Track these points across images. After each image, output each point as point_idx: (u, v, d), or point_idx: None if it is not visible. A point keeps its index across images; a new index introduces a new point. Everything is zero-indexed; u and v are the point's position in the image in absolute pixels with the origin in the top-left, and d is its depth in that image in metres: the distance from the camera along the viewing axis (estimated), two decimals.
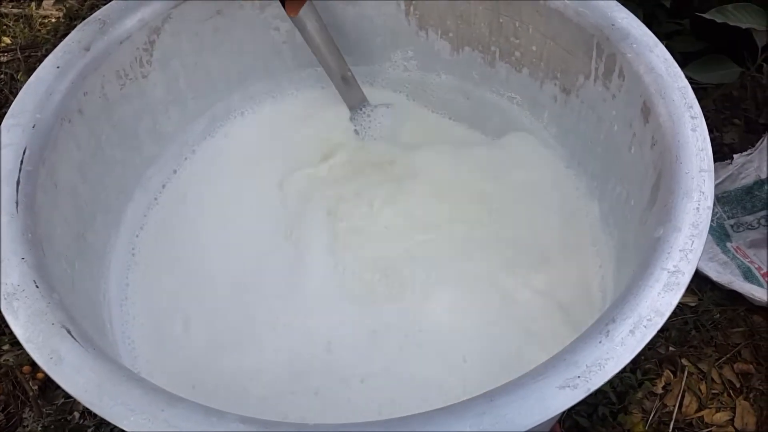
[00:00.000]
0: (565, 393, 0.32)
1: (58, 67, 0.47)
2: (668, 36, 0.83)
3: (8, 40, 1.12)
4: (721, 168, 0.83)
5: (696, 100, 0.44)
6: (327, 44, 0.58)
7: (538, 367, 0.33)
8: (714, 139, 0.88)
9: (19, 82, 1.04)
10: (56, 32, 1.12)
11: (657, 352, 0.75)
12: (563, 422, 0.70)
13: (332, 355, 0.51)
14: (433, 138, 0.64)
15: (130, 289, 0.54)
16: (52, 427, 0.71)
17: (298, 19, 0.54)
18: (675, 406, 0.72)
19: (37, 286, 0.37)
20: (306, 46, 0.58)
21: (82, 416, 0.73)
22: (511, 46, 0.57)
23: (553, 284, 0.54)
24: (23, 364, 0.75)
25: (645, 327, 0.34)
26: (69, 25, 1.13)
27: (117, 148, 0.53)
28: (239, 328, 0.52)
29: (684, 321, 0.76)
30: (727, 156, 0.84)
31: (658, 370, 0.74)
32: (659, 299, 0.35)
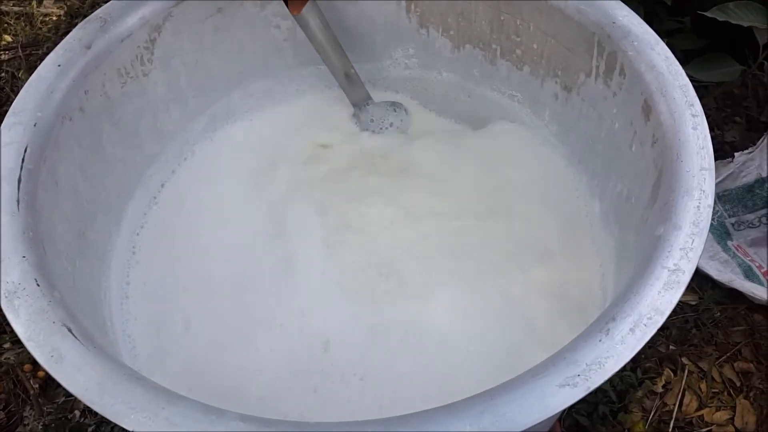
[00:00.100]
0: (565, 391, 0.32)
1: (59, 66, 0.47)
2: (669, 34, 0.83)
3: (9, 38, 1.12)
4: (722, 166, 0.83)
5: (697, 98, 0.44)
6: (330, 42, 0.58)
7: (538, 365, 0.33)
8: (715, 137, 0.88)
9: (20, 80, 1.04)
10: (57, 30, 1.12)
11: (657, 350, 0.75)
12: (563, 421, 0.70)
13: (331, 354, 0.51)
14: (433, 135, 0.65)
15: (130, 288, 0.54)
16: (53, 425, 0.72)
17: (300, 17, 0.54)
18: (675, 404, 0.72)
19: (38, 285, 0.38)
20: (307, 43, 0.58)
21: (83, 414, 0.73)
22: (512, 44, 0.57)
23: (553, 282, 0.53)
24: (24, 363, 0.76)
25: (645, 325, 0.34)
26: (70, 23, 1.13)
27: (118, 146, 0.53)
28: (239, 328, 0.52)
29: (684, 319, 0.76)
30: (728, 154, 0.84)
31: (659, 369, 0.74)
32: (659, 298, 0.35)
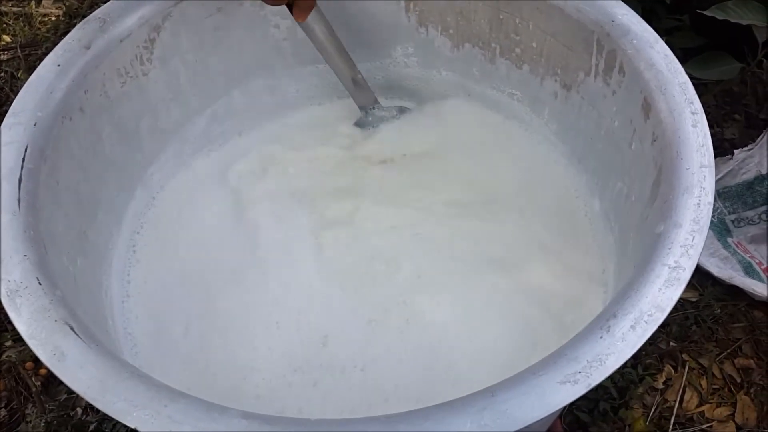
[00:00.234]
0: (566, 388, 0.32)
1: (58, 66, 0.47)
2: (668, 32, 0.83)
3: (8, 39, 1.12)
4: (721, 163, 0.83)
5: (696, 96, 0.44)
6: (336, 48, 0.58)
7: (538, 362, 0.33)
8: (714, 134, 0.88)
9: (20, 80, 1.04)
10: (56, 30, 1.12)
11: (658, 347, 0.75)
12: (564, 417, 0.70)
13: (330, 349, 0.51)
14: (433, 134, 0.65)
15: (131, 287, 0.54)
16: (55, 423, 0.72)
17: (306, 25, 0.54)
18: (676, 401, 0.72)
19: (40, 283, 0.38)
20: (307, 43, 0.58)
21: (85, 412, 0.73)
22: (511, 42, 0.57)
23: (554, 280, 0.54)
24: (26, 360, 0.76)
25: (646, 322, 0.34)
26: (69, 23, 1.13)
27: (118, 145, 0.53)
28: (237, 327, 0.52)
29: (685, 316, 0.76)
30: (728, 151, 0.84)
31: (659, 366, 0.74)
32: (660, 295, 0.35)
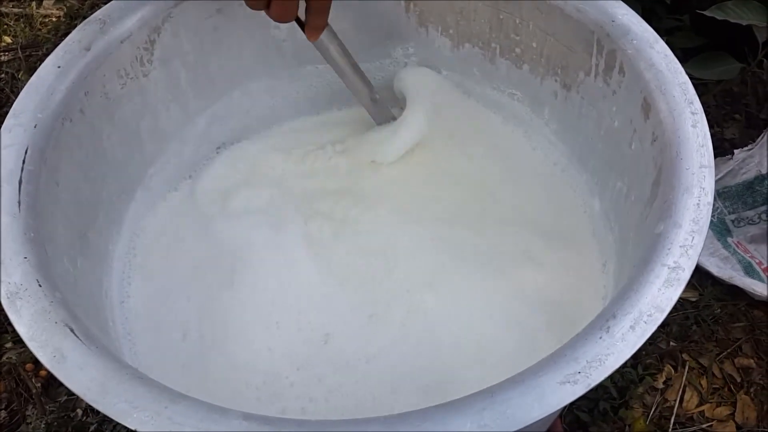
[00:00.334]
0: (565, 389, 0.32)
1: (58, 67, 0.47)
2: (668, 32, 0.83)
3: (9, 40, 1.13)
4: (721, 163, 0.83)
5: (696, 96, 0.44)
6: (351, 66, 0.57)
7: (538, 362, 0.34)
8: (715, 134, 0.88)
9: (20, 81, 1.04)
10: (57, 31, 1.12)
11: (658, 347, 0.75)
12: (564, 417, 0.70)
13: (332, 345, 0.51)
14: (433, 136, 0.64)
15: (132, 287, 0.54)
16: (56, 424, 0.72)
17: (319, 43, 0.53)
18: (676, 400, 0.72)
19: (40, 285, 0.38)
20: (307, 43, 0.58)
21: (85, 413, 0.73)
22: (511, 42, 0.57)
23: (553, 279, 0.54)
24: (26, 362, 0.76)
25: (645, 323, 0.34)
26: (70, 24, 1.13)
27: (118, 147, 0.53)
28: (236, 329, 0.52)
29: (685, 316, 0.76)
30: (728, 151, 0.84)
31: (659, 365, 0.74)
32: (660, 295, 0.35)
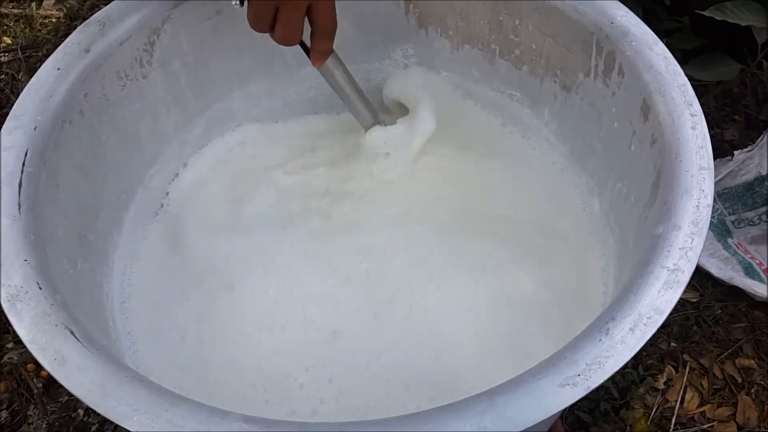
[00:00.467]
0: (565, 391, 0.32)
1: (58, 69, 0.47)
2: (667, 33, 0.83)
3: (9, 41, 1.13)
4: (721, 164, 0.83)
5: (696, 98, 0.44)
6: (356, 91, 0.57)
7: (538, 365, 0.34)
8: (714, 135, 0.88)
9: (20, 82, 1.04)
10: (57, 32, 1.12)
11: (659, 347, 0.75)
12: (565, 417, 0.70)
13: (340, 344, 0.51)
14: (433, 135, 0.64)
15: (132, 288, 0.54)
16: (57, 424, 0.72)
17: (324, 69, 0.53)
18: (677, 401, 0.72)
19: (41, 288, 0.38)
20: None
21: (87, 413, 0.73)
22: (510, 43, 0.57)
23: (553, 281, 0.54)
24: (27, 362, 0.76)
25: (645, 325, 0.34)
26: (70, 25, 1.13)
27: (118, 148, 0.53)
28: (238, 332, 0.52)
29: (685, 317, 0.76)
30: (728, 152, 0.84)
31: (660, 366, 0.74)
32: (659, 297, 0.35)
